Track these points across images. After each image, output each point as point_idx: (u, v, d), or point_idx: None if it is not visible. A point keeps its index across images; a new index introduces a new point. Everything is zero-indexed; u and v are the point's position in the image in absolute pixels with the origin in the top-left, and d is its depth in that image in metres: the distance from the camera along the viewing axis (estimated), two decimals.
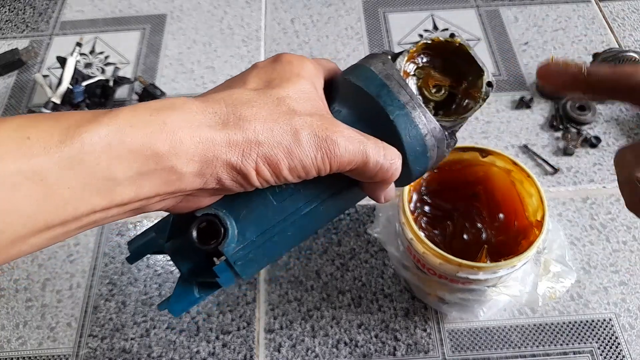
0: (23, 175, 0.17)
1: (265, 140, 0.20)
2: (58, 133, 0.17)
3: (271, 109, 0.21)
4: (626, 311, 0.45)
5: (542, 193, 0.38)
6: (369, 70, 0.25)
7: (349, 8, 0.71)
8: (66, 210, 0.18)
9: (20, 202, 0.17)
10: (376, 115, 0.24)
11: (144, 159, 0.18)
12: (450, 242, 0.43)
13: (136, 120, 0.18)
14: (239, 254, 0.24)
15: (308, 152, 0.21)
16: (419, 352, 0.43)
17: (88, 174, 0.18)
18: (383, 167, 0.23)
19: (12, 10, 0.74)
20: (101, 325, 0.46)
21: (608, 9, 0.69)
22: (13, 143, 0.17)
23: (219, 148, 0.19)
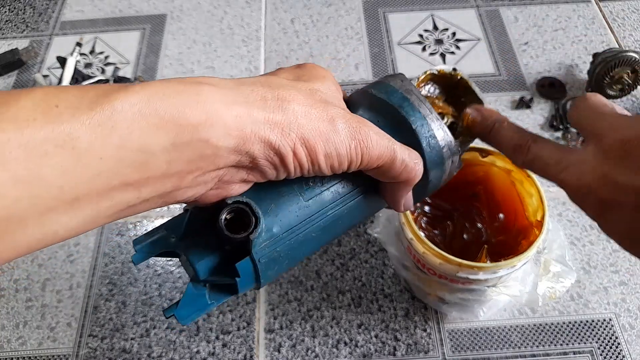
0: (52, 142, 0.16)
1: (304, 123, 0.20)
2: (87, 101, 0.16)
3: (307, 95, 0.21)
4: (626, 311, 0.45)
5: (542, 193, 0.38)
6: (389, 86, 0.26)
7: (349, 8, 0.71)
8: (97, 181, 0.17)
9: (50, 171, 0.16)
10: (398, 124, 0.25)
11: (179, 129, 0.17)
12: (450, 242, 0.43)
13: (169, 90, 0.17)
14: (264, 251, 0.23)
15: (344, 140, 0.21)
16: (419, 352, 0.43)
17: (120, 143, 0.16)
18: (408, 166, 0.23)
19: (12, 10, 0.74)
20: (101, 325, 0.46)
21: (608, 9, 0.69)
22: (40, 110, 0.16)
23: (258, 124, 0.19)
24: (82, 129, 0.16)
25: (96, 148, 0.16)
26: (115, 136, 0.16)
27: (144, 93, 0.17)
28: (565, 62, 0.63)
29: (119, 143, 0.16)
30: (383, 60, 0.65)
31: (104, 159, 0.16)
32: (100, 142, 0.16)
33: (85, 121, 0.16)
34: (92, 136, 0.16)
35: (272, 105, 0.19)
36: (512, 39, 0.66)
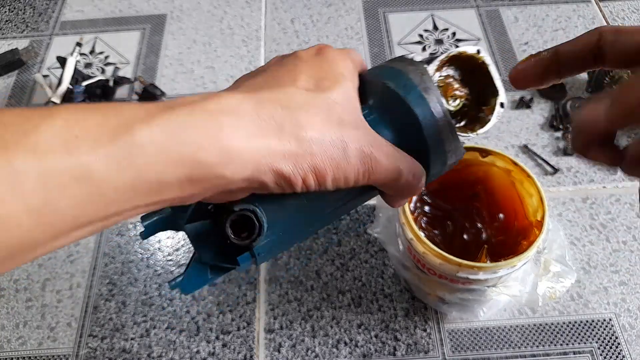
0: (70, 175, 0.16)
1: (317, 152, 0.20)
2: (108, 132, 0.16)
3: (324, 117, 0.21)
4: (626, 311, 0.45)
5: (542, 193, 0.38)
6: (408, 80, 0.25)
7: (349, 8, 0.71)
8: (110, 209, 0.17)
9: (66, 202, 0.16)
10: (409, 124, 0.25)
11: (197, 166, 0.18)
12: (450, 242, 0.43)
13: (191, 125, 0.18)
14: (264, 247, 0.24)
15: (353, 167, 0.21)
16: (419, 352, 0.43)
17: (137, 176, 0.17)
18: (411, 185, 0.24)
19: (12, 10, 0.74)
20: (101, 325, 0.46)
21: (608, 9, 0.69)
22: (60, 141, 0.16)
23: (273, 157, 0.19)
24: (101, 162, 0.16)
25: (112, 180, 0.17)
26: (132, 169, 0.17)
27: (165, 127, 0.17)
28: None
29: (135, 175, 0.17)
30: (383, 60, 0.65)
31: (119, 190, 0.17)
32: (117, 175, 0.17)
33: (104, 154, 0.16)
34: (109, 169, 0.16)
35: (288, 134, 0.20)
36: (512, 39, 0.66)
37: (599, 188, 0.53)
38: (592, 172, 0.54)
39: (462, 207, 0.44)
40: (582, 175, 0.54)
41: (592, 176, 0.54)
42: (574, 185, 0.53)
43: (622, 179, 0.53)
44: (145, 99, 0.59)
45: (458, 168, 0.43)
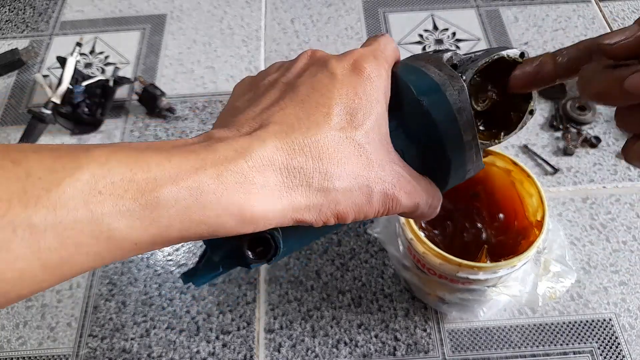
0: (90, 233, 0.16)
1: (342, 201, 0.20)
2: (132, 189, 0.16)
3: (354, 162, 0.20)
4: (626, 311, 0.45)
5: (542, 193, 0.38)
6: (443, 96, 0.23)
7: (349, 8, 0.71)
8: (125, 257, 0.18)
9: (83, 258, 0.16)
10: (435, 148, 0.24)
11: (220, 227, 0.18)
12: (450, 242, 0.43)
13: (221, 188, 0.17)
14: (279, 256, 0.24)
15: (375, 209, 0.21)
16: (419, 352, 0.43)
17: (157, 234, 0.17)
18: (425, 214, 0.24)
19: (12, 10, 0.74)
20: (101, 325, 0.46)
21: (608, 9, 0.69)
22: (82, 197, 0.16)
23: (298, 211, 0.19)
24: (123, 222, 0.16)
25: (132, 238, 0.16)
26: (154, 228, 0.16)
27: (193, 190, 0.17)
28: None
29: (156, 233, 0.17)
30: None
31: (138, 245, 0.17)
32: (138, 233, 0.16)
33: (127, 214, 0.16)
34: (131, 229, 0.16)
35: (315, 189, 0.19)
36: (512, 39, 0.66)
37: (599, 188, 0.53)
38: (592, 172, 0.54)
39: (462, 207, 0.44)
40: (582, 175, 0.54)
41: (592, 176, 0.54)
42: (574, 185, 0.53)
43: (622, 179, 0.53)
44: (145, 99, 0.59)
45: None
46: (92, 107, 0.59)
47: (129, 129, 0.60)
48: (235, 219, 0.18)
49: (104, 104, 0.59)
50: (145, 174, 0.16)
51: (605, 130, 0.57)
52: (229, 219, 0.18)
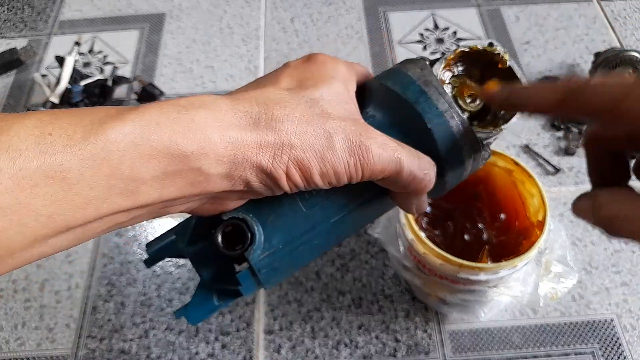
0: (43, 173, 0.16)
1: (298, 143, 0.19)
2: (81, 130, 0.16)
3: (304, 110, 0.20)
4: (628, 312, 0.45)
5: (543, 193, 0.38)
6: (406, 76, 0.23)
7: (349, 7, 0.71)
8: (87, 210, 0.17)
9: (40, 202, 0.16)
10: (412, 122, 0.23)
11: (170, 159, 0.17)
12: (451, 242, 0.43)
13: (163, 117, 0.17)
14: (264, 261, 0.23)
15: (341, 158, 0.20)
16: (420, 353, 0.43)
17: (111, 173, 0.17)
18: (417, 178, 0.22)
19: (10, 10, 0.74)
20: (100, 326, 0.46)
21: (610, 9, 0.69)
22: (33, 139, 0.16)
23: (249, 149, 0.19)
24: (74, 160, 0.16)
25: (87, 178, 0.16)
26: (106, 166, 0.16)
27: (138, 122, 0.17)
28: (567, 61, 0.63)
29: (109, 172, 0.16)
30: (383, 60, 0.65)
31: (95, 188, 0.17)
32: (92, 172, 0.16)
33: (77, 152, 0.16)
34: (83, 167, 0.16)
35: (264, 127, 0.19)
36: (513, 38, 0.66)
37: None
38: None
39: (463, 208, 0.44)
40: (583, 176, 0.53)
41: None
42: (576, 186, 0.53)
43: None
44: (144, 98, 0.59)
45: None
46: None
47: None
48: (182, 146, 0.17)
49: (102, 104, 0.59)
50: (92, 117, 0.17)
51: None
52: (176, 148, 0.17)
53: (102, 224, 0.18)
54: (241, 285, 0.23)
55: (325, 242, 0.24)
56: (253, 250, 0.22)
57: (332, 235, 0.24)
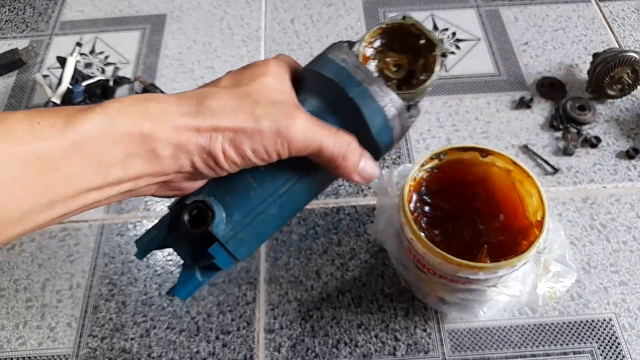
0: (34, 154, 0.20)
1: (230, 126, 0.23)
2: (62, 121, 0.20)
3: (238, 100, 0.24)
4: (626, 311, 0.45)
5: (542, 193, 0.38)
6: (328, 58, 0.28)
7: (349, 8, 0.71)
8: (67, 187, 0.21)
9: (30, 179, 0.20)
10: (338, 96, 0.27)
11: (131, 142, 0.22)
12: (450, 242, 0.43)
13: (124, 110, 0.22)
14: (229, 234, 0.27)
15: (269, 137, 0.24)
16: (419, 352, 0.43)
17: (87, 156, 0.21)
18: (335, 152, 0.26)
19: (12, 10, 0.74)
20: (101, 325, 0.46)
21: (608, 9, 0.69)
22: (25, 127, 0.20)
23: (190, 133, 0.23)
24: (58, 144, 0.20)
25: (68, 160, 0.20)
26: (83, 150, 0.21)
27: (104, 114, 0.21)
28: (566, 62, 0.63)
29: (85, 155, 0.21)
30: None
31: (73, 168, 0.21)
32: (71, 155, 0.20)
33: (60, 138, 0.20)
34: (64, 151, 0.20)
35: (202, 115, 0.23)
36: (512, 39, 0.66)
37: (599, 188, 0.53)
38: (592, 172, 0.54)
39: (462, 207, 0.44)
40: (582, 175, 0.54)
41: (592, 176, 0.54)
42: (574, 185, 0.53)
43: (622, 179, 0.54)
44: None
45: (458, 168, 0.43)
46: None
47: None
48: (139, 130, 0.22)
49: None
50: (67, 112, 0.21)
51: (606, 130, 0.57)
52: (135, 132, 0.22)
53: (79, 201, 0.22)
54: (215, 258, 0.27)
55: (280, 211, 0.28)
56: (216, 225, 0.26)
57: (285, 205, 0.28)
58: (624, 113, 0.58)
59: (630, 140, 0.56)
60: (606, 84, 0.57)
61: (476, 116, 0.59)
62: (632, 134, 0.57)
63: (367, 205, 0.52)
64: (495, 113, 0.59)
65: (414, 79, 0.31)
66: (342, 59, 0.27)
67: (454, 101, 0.60)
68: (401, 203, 0.39)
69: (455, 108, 0.60)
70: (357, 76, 0.27)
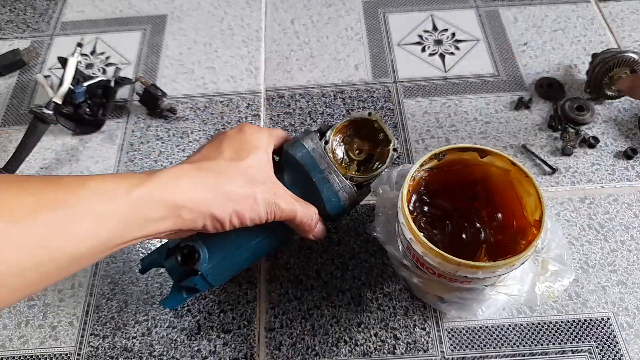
0: (110, 210, 0.28)
1: (237, 201, 0.33)
2: (122, 190, 0.28)
3: (241, 179, 0.34)
4: (624, 310, 0.45)
5: (540, 193, 0.39)
6: (302, 146, 0.39)
7: (348, 9, 0.71)
8: (123, 238, 0.29)
9: (104, 233, 0.28)
10: (305, 178, 0.39)
11: (168, 209, 0.30)
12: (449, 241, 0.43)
13: (163, 184, 0.30)
14: (209, 270, 0.37)
15: (262, 209, 0.34)
16: (419, 350, 0.44)
17: (139, 216, 0.29)
18: (304, 220, 0.37)
19: (13, 11, 0.74)
20: (103, 324, 0.46)
21: (607, 10, 0.69)
22: (101, 192, 0.28)
23: (209, 205, 0.32)
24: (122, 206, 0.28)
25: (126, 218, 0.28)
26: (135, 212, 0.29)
27: (148, 189, 0.29)
28: (564, 62, 0.64)
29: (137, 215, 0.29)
30: (383, 61, 0.65)
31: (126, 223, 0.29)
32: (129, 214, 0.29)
33: (124, 202, 0.28)
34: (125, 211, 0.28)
35: (218, 191, 0.32)
36: (511, 40, 0.66)
37: (597, 188, 0.53)
38: (590, 172, 0.54)
39: (461, 207, 0.44)
40: (580, 175, 0.54)
41: (590, 176, 0.54)
42: (572, 185, 0.53)
43: (620, 179, 0.54)
44: (147, 99, 0.60)
45: (457, 168, 0.43)
46: (94, 108, 0.59)
47: (131, 129, 0.60)
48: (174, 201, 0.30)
49: (105, 105, 0.60)
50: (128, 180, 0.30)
51: (604, 130, 0.57)
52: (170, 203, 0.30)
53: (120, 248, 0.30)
54: (197, 285, 0.38)
55: (250, 256, 0.39)
56: (200, 264, 0.37)
57: (255, 252, 0.39)
58: (622, 113, 0.59)
59: (628, 140, 0.57)
60: (605, 84, 0.58)
61: (475, 116, 0.59)
62: (631, 134, 0.57)
63: (367, 205, 0.53)
64: (494, 113, 0.59)
65: (371, 162, 0.42)
66: (312, 148, 0.39)
67: (453, 101, 0.61)
68: (400, 203, 0.39)
69: (454, 108, 0.60)
70: (321, 165, 0.38)
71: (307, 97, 0.61)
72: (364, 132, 0.43)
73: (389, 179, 0.46)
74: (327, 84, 0.63)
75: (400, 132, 0.58)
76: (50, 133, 0.60)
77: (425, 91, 0.62)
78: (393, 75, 0.63)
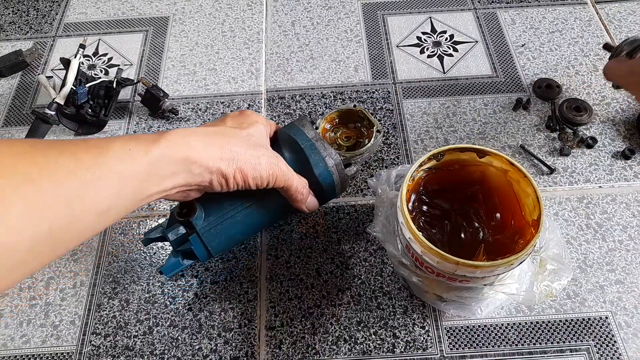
0: (132, 170, 0.30)
1: (242, 159, 0.36)
2: (142, 148, 0.31)
3: (245, 142, 0.37)
4: (622, 309, 0.46)
5: (538, 193, 0.39)
6: (299, 130, 0.43)
7: (348, 11, 0.72)
8: (142, 194, 0.32)
9: (127, 190, 0.30)
10: (296, 152, 0.42)
11: (180, 164, 0.33)
12: (448, 241, 0.44)
13: (175, 141, 0.33)
14: (205, 228, 0.41)
15: (265, 169, 0.37)
16: (418, 349, 0.44)
17: (155, 173, 0.32)
18: (298, 190, 0.40)
19: (15, 12, 0.75)
20: (104, 323, 0.47)
21: (604, 11, 0.70)
22: (124, 152, 0.30)
23: (216, 160, 0.35)
24: (142, 165, 0.31)
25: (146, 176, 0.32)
26: (153, 169, 0.32)
27: (163, 147, 0.32)
28: (562, 63, 0.64)
29: (154, 172, 0.32)
30: (382, 63, 0.66)
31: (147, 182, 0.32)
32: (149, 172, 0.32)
33: (144, 161, 0.31)
34: (145, 170, 0.31)
35: (224, 149, 0.35)
36: (509, 41, 0.67)
37: (594, 188, 0.54)
38: (588, 172, 0.55)
39: (460, 207, 0.45)
40: (578, 175, 0.54)
41: (588, 176, 0.54)
42: (570, 185, 0.54)
43: (617, 179, 0.54)
44: (148, 100, 0.60)
45: (456, 168, 0.44)
46: (96, 108, 0.60)
47: (133, 129, 0.61)
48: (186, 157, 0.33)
49: (107, 105, 0.60)
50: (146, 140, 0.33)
51: (601, 131, 0.58)
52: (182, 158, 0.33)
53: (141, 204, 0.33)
54: (192, 245, 0.41)
55: (244, 219, 0.42)
56: (196, 217, 0.40)
57: (247, 216, 0.42)
58: (620, 114, 0.59)
59: (626, 141, 0.57)
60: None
61: (473, 117, 0.60)
62: (628, 134, 0.58)
63: (367, 204, 0.53)
64: (493, 114, 0.60)
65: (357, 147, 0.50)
66: (303, 125, 0.43)
67: (452, 102, 0.61)
68: (400, 203, 0.39)
69: (453, 109, 0.60)
70: (308, 135, 0.42)
71: (307, 98, 0.62)
72: (351, 125, 0.51)
73: (388, 179, 0.46)
74: (327, 85, 0.63)
75: (399, 133, 0.58)
76: (53, 133, 0.60)
77: (424, 92, 0.62)
78: (392, 77, 0.64)
